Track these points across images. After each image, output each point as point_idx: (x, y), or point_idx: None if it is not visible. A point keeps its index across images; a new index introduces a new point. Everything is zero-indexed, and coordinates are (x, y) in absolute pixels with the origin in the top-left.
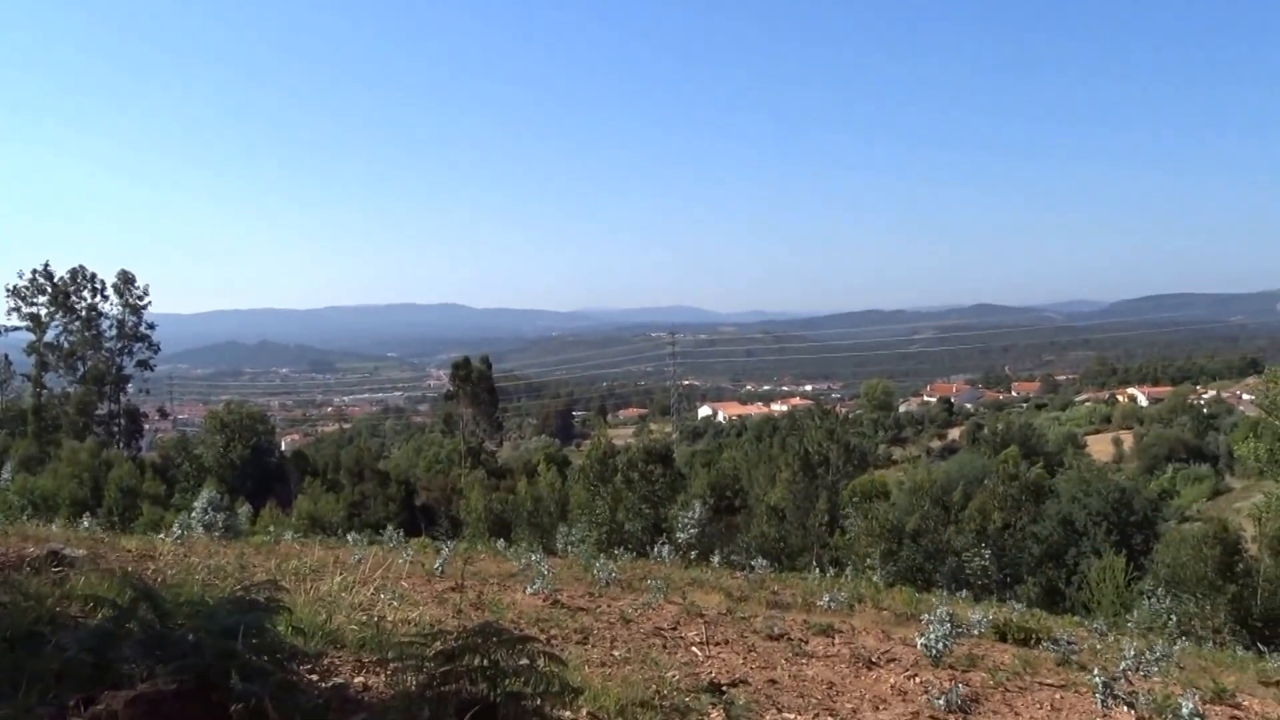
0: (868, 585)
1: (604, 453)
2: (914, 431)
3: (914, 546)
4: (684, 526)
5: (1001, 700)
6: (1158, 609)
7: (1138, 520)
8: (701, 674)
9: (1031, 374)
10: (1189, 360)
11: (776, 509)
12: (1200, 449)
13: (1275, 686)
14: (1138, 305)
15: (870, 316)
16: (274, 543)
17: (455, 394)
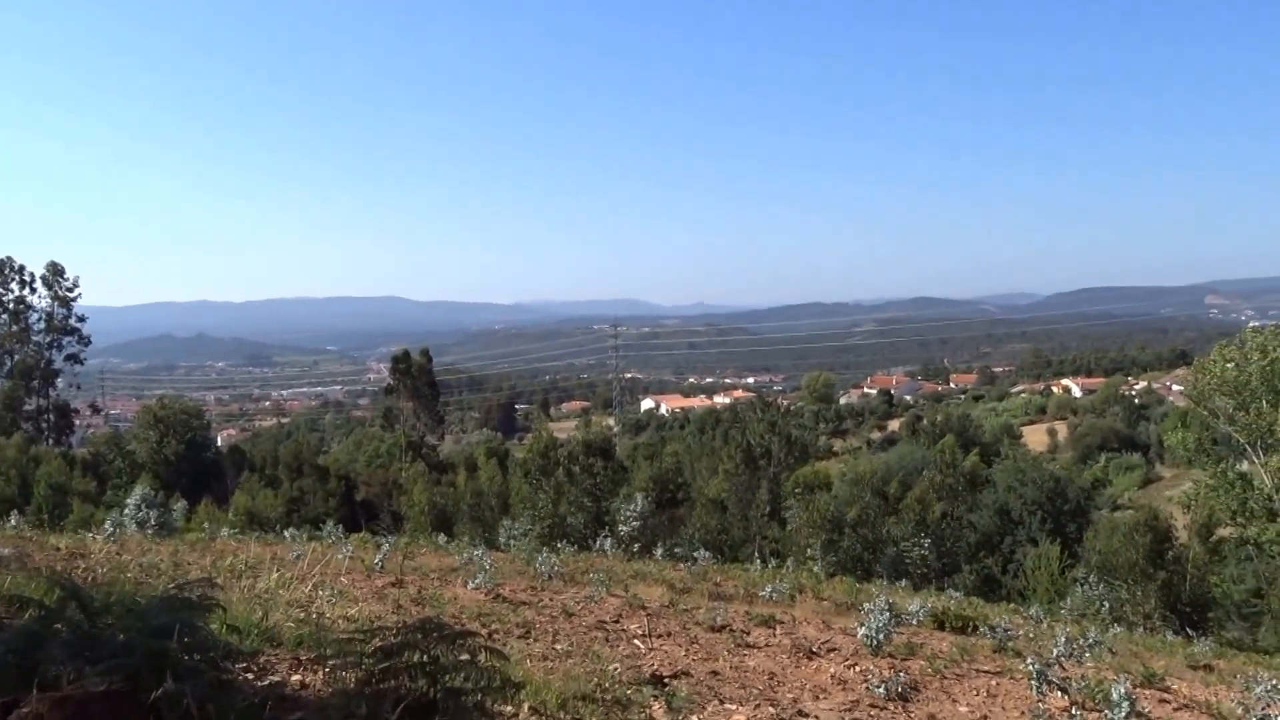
0: (809, 576)
1: (546, 446)
2: (854, 423)
3: (854, 537)
4: (626, 519)
5: (940, 688)
6: (1091, 596)
7: (1071, 509)
8: (644, 666)
9: (969, 366)
10: (1121, 352)
11: (718, 501)
12: (1132, 439)
13: (1203, 670)
14: (1073, 298)
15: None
16: (209, 540)
17: (396, 388)
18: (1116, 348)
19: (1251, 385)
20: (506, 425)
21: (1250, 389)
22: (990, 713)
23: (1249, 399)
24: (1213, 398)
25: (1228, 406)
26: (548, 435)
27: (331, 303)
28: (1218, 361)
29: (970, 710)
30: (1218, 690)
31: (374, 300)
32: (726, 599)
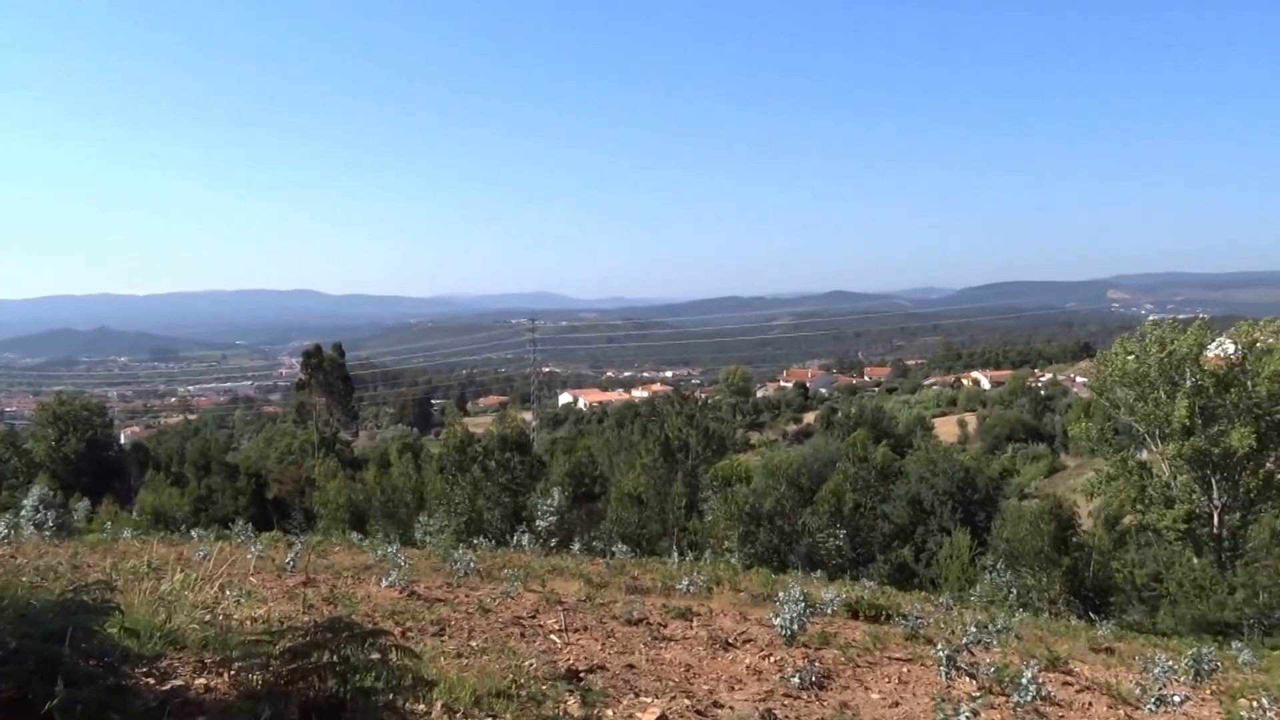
0: (726, 568)
1: (461, 441)
2: (771, 416)
3: (771, 529)
4: (544, 514)
5: (852, 675)
6: (999, 583)
7: (981, 498)
8: (560, 661)
9: (883, 359)
10: (1028, 345)
11: (636, 495)
12: (1038, 429)
13: (1105, 652)
14: (982, 292)
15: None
16: (112, 541)
17: (308, 383)
18: (1024, 341)
19: (1150, 377)
20: (422, 421)
21: (1149, 380)
22: (901, 699)
23: (1148, 390)
24: (1114, 389)
25: (1128, 397)
26: (464, 430)
27: (242, 296)
28: (1119, 354)
29: (882, 697)
30: (1118, 671)
31: (286, 294)
32: (644, 592)
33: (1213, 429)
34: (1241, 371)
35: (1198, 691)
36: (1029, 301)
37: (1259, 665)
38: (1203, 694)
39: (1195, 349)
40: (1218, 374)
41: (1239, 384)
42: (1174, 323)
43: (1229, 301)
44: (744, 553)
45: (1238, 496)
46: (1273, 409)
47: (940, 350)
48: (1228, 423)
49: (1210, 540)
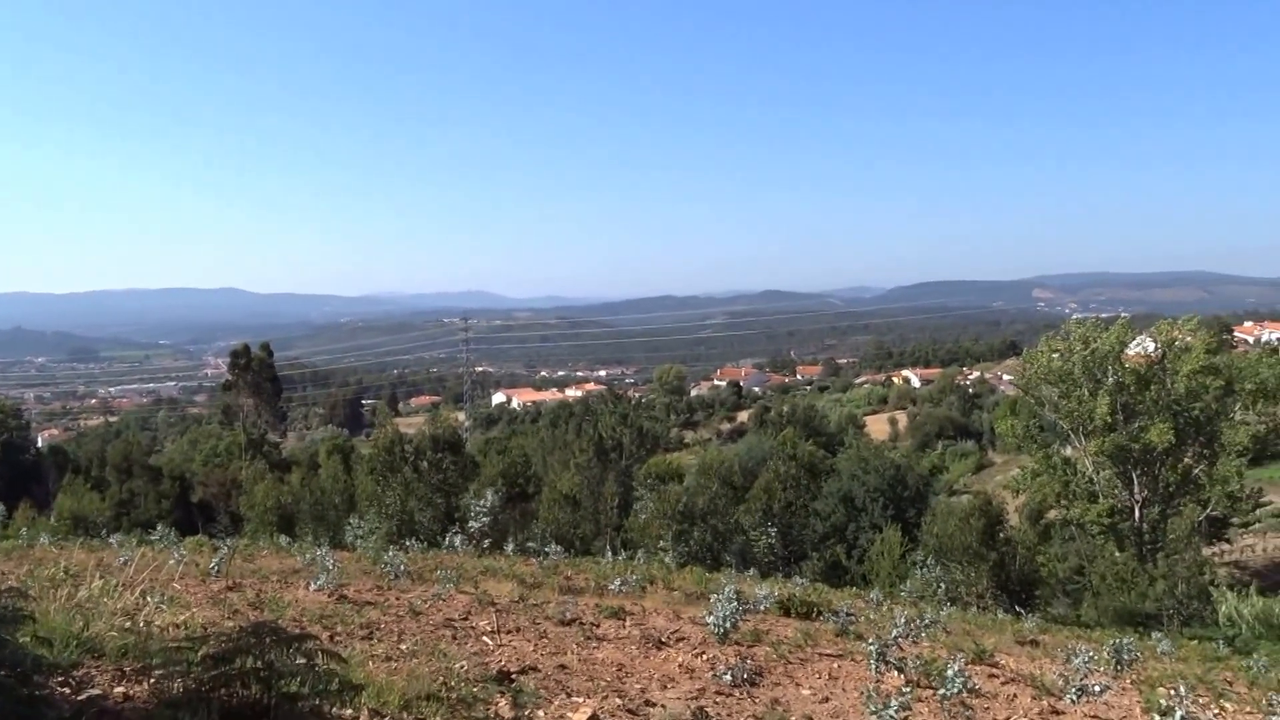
0: (659, 567)
1: (393, 441)
2: (705, 415)
3: (704, 527)
4: (477, 515)
5: (784, 672)
6: (928, 578)
7: (911, 495)
8: (491, 663)
9: (815, 358)
10: (956, 344)
11: (570, 495)
12: (966, 427)
13: (1030, 645)
14: (912, 291)
15: (664, 302)
16: (27, 547)
17: (235, 383)
18: (952, 340)
19: (1074, 374)
20: (353, 421)
21: (1073, 378)
22: (831, 694)
23: (1072, 387)
24: (1039, 386)
25: (1053, 395)
26: (395, 431)
27: (165, 294)
28: (1044, 352)
29: (812, 692)
30: (1042, 663)
31: (211, 292)
32: (577, 593)
33: (1133, 425)
34: (1161, 369)
35: (1118, 681)
36: (957, 301)
37: (1177, 655)
38: (1123, 683)
39: (1117, 347)
40: (1138, 371)
41: (1158, 381)
42: (1097, 322)
43: (1149, 301)
44: (678, 551)
45: (1157, 491)
46: (1190, 405)
47: (871, 349)
48: (1148, 419)
49: (1131, 534)
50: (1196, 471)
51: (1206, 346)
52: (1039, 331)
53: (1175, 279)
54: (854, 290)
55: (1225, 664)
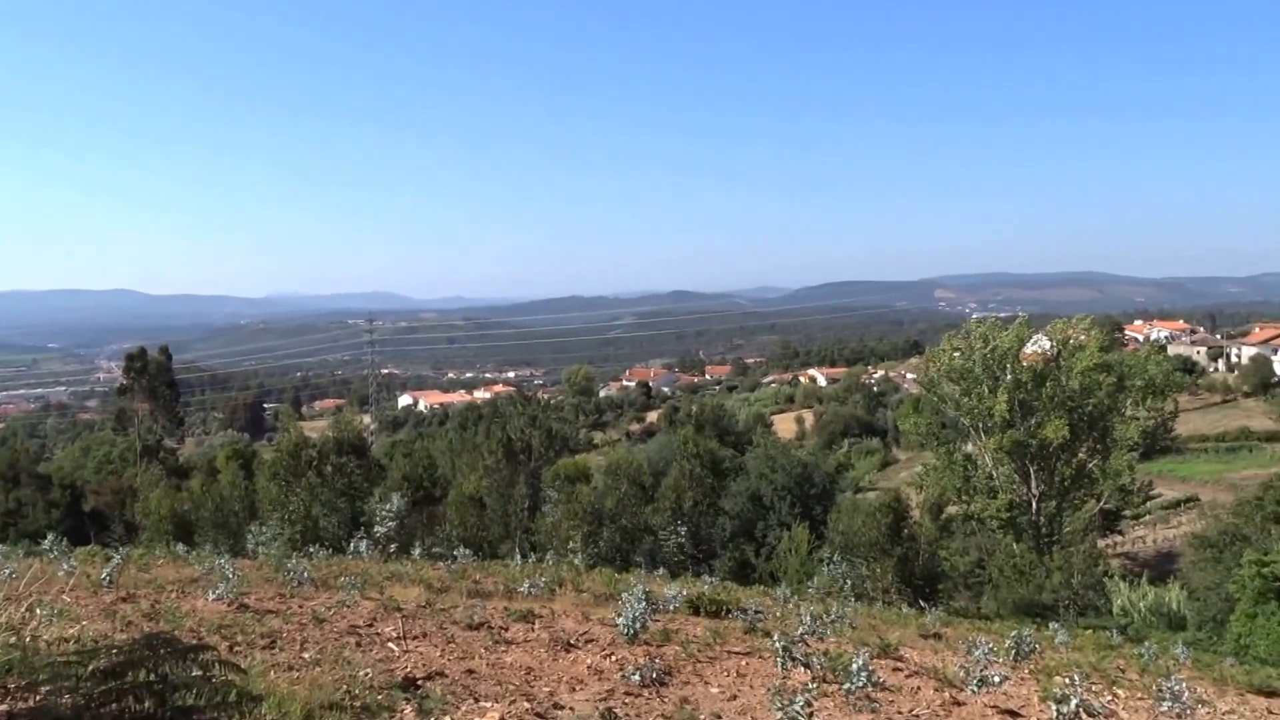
0: (569, 569)
1: (296, 445)
2: (614, 415)
3: (613, 528)
4: (383, 519)
5: (693, 671)
6: (835, 574)
7: (818, 493)
8: (397, 670)
9: (724, 358)
10: (861, 343)
11: (477, 497)
12: (871, 424)
13: (933, 638)
14: (817, 292)
15: (572, 303)
16: None
17: (129, 388)
18: (857, 339)
19: (975, 372)
20: (254, 425)
21: (974, 376)
22: (739, 692)
23: (972, 385)
24: (941, 384)
25: (954, 392)
26: (298, 434)
27: (53, 296)
28: (945, 351)
29: (721, 690)
30: (945, 656)
31: (103, 294)
32: (486, 596)
33: (1031, 422)
34: (1056, 367)
35: (1017, 671)
36: (861, 301)
37: (1073, 644)
38: (1021, 673)
39: (1016, 346)
40: (1035, 369)
41: (1054, 379)
42: (996, 321)
43: (1045, 301)
44: (587, 553)
45: (1053, 485)
46: (1084, 402)
47: (778, 349)
48: (1044, 415)
49: (1029, 527)
50: (1090, 466)
51: (1099, 345)
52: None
53: (1069, 279)
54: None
55: (1118, 652)
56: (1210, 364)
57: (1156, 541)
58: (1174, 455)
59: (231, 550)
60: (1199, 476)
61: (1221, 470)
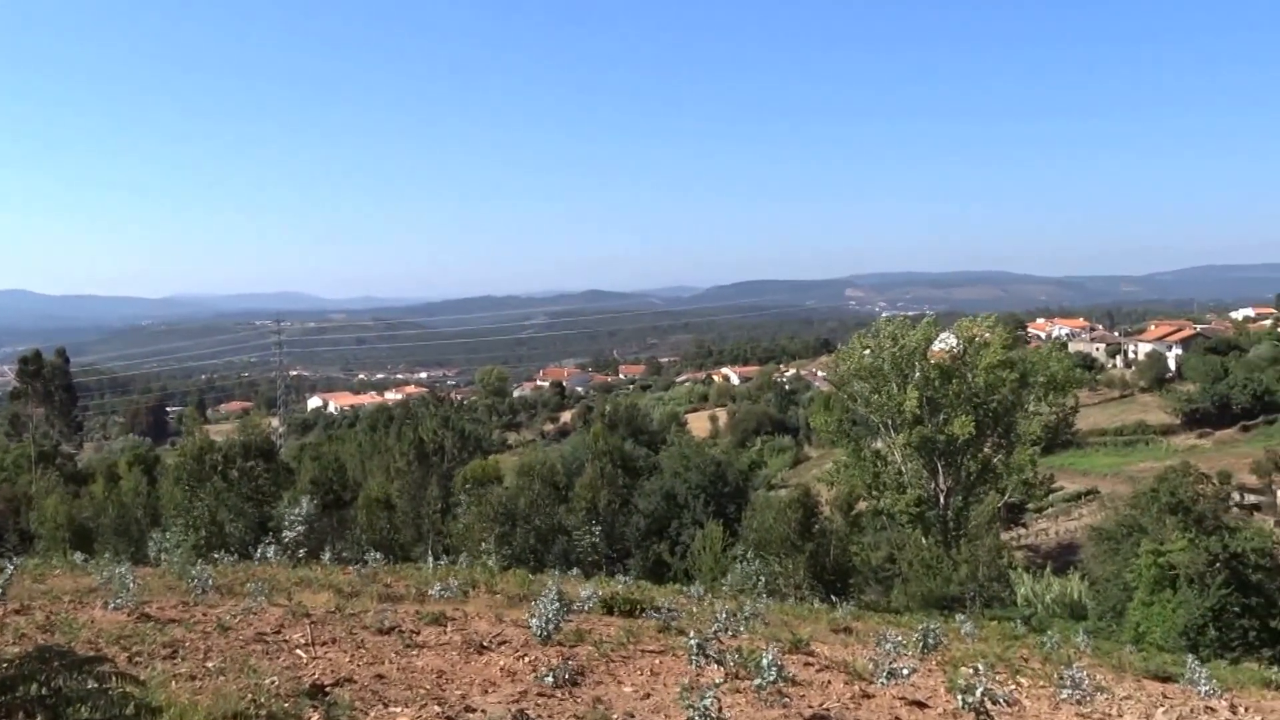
0: (482, 571)
1: (200, 449)
2: (528, 416)
3: (527, 528)
4: (291, 524)
5: (606, 671)
6: (748, 571)
7: (732, 491)
8: (305, 677)
9: (637, 357)
10: (773, 341)
11: (389, 500)
12: (784, 422)
13: (844, 632)
14: (730, 291)
15: (484, 302)
16: None
17: (23, 392)
18: (769, 337)
19: (884, 370)
20: (157, 430)
21: (883, 373)
22: (652, 690)
23: (882, 382)
24: (851, 382)
25: (864, 390)
26: (203, 438)
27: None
28: (855, 349)
29: (634, 689)
30: (855, 649)
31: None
32: (397, 600)
33: (938, 418)
34: (962, 364)
35: (924, 663)
36: (773, 300)
37: (979, 635)
38: (929, 665)
39: (923, 344)
40: (942, 366)
41: (960, 376)
42: (904, 320)
43: (951, 299)
44: (501, 554)
45: (960, 480)
46: (989, 398)
47: (692, 348)
48: (951, 412)
49: (937, 521)
50: (995, 461)
51: (1003, 343)
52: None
53: (974, 278)
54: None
55: (1022, 642)
56: (1108, 360)
57: (1058, 533)
58: (1074, 449)
59: (133, 558)
60: (1098, 470)
61: (1119, 463)
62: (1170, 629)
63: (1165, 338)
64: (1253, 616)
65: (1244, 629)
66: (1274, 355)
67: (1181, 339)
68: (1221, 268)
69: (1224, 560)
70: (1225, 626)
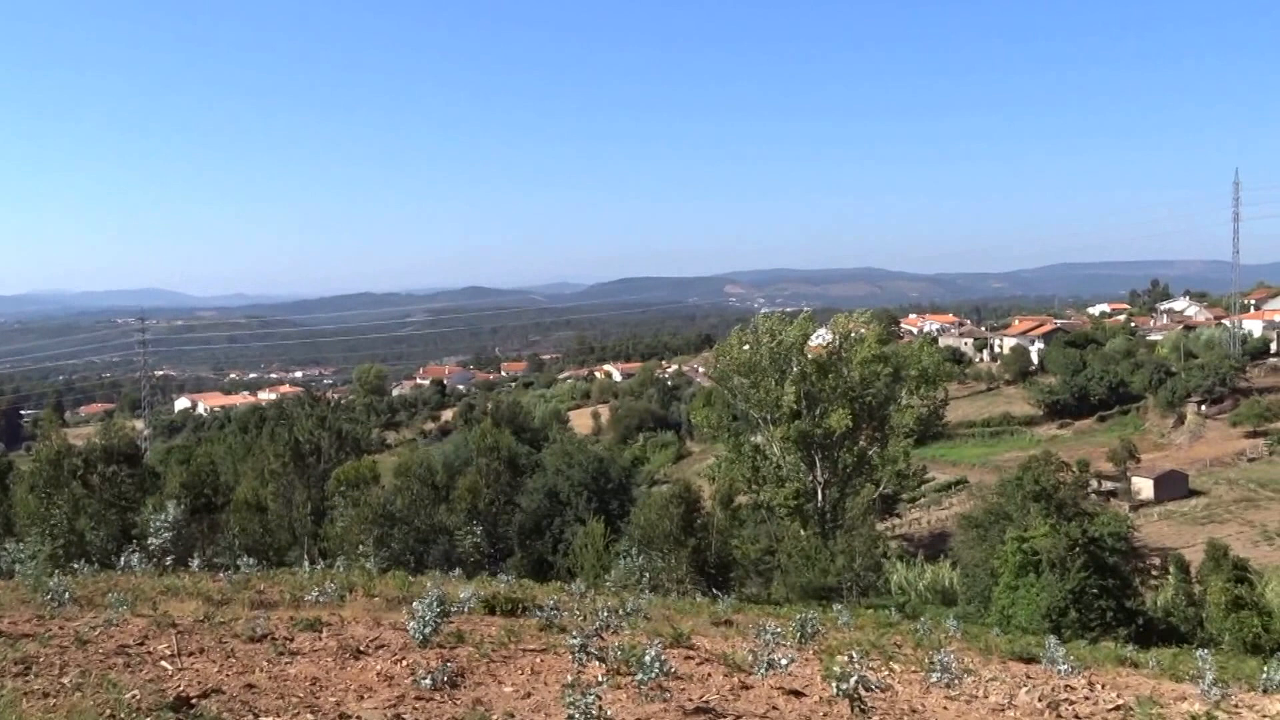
0: (360, 574)
1: (57, 454)
2: (408, 415)
3: (406, 529)
4: (157, 530)
5: (487, 671)
6: (632, 567)
7: (614, 487)
8: (169, 690)
9: (519, 354)
10: (655, 338)
11: (263, 503)
12: (666, 418)
13: (725, 625)
14: (612, 288)
15: (362, 299)
16: None
17: None
18: (651, 334)
19: (763, 365)
20: (10, 434)
21: (762, 369)
22: (534, 689)
23: (760, 377)
24: (731, 377)
25: (744, 385)
26: (60, 442)
27: None
28: (734, 345)
29: (515, 689)
30: (735, 642)
31: None
32: (270, 607)
33: (815, 411)
34: (838, 359)
35: (802, 653)
36: (655, 296)
37: (855, 624)
38: (807, 655)
39: (800, 339)
40: (819, 361)
41: (836, 370)
42: (782, 315)
43: (827, 296)
44: (380, 556)
45: (837, 473)
46: (864, 392)
47: (574, 345)
48: (828, 406)
49: (815, 514)
50: (870, 453)
51: (877, 338)
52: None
53: (850, 275)
54: (556, 286)
55: (896, 629)
56: (976, 354)
57: (930, 522)
58: (945, 441)
59: None
60: (967, 460)
61: (987, 453)
62: (1034, 611)
63: (1028, 332)
64: (1109, 597)
65: (1102, 609)
66: (1127, 348)
67: (1043, 333)
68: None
69: (1083, 545)
70: (1084, 608)
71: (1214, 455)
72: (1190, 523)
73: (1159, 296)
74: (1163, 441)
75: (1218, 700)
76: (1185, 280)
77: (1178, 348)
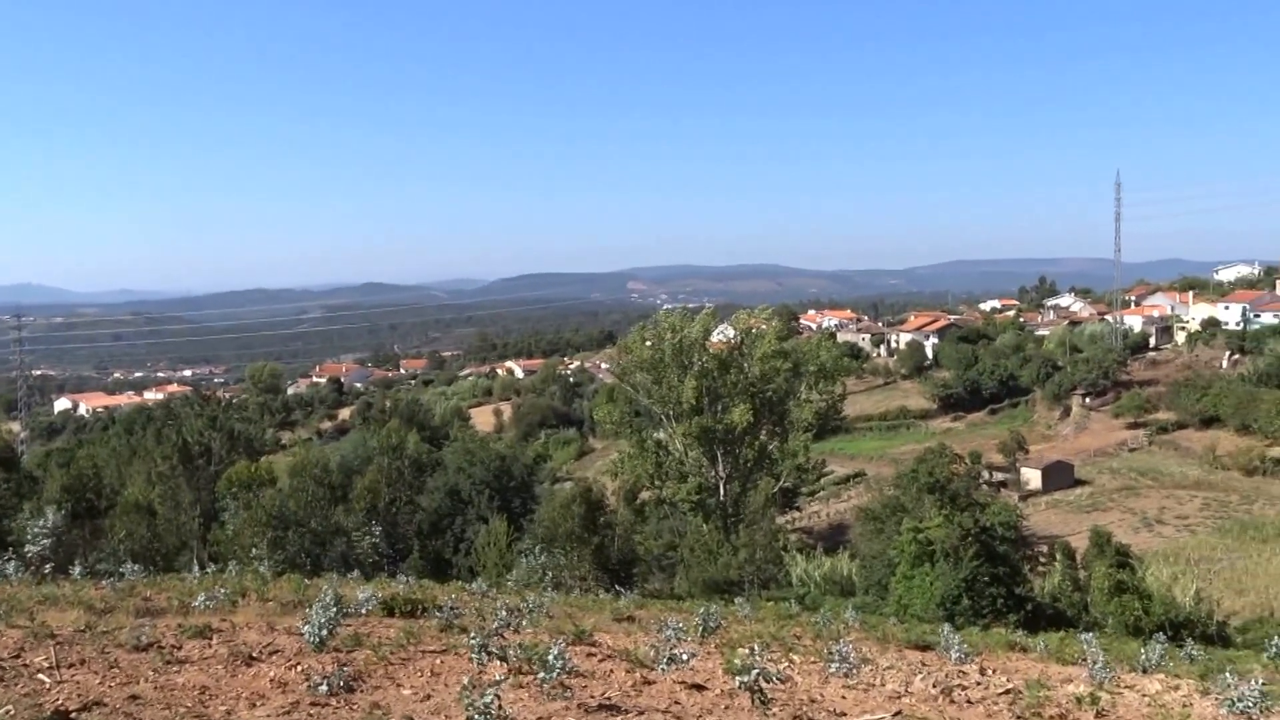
0: (253, 578)
1: None
2: (304, 414)
3: (302, 531)
4: (35, 537)
5: (385, 674)
6: (534, 565)
7: (517, 485)
8: (47, 704)
9: (419, 351)
10: (558, 334)
11: (150, 507)
12: (568, 415)
13: (627, 621)
14: (514, 284)
15: (254, 296)
16: None
17: None
18: (554, 330)
19: (665, 361)
20: None
21: (664, 365)
22: (433, 691)
23: (663, 374)
24: (634, 374)
25: (646, 381)
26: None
27: None
28: (637, 341)
29: (414, 691)
30: (638, 637)
31: None
32: (157, 614)
33: (717, 407)
34: (740, 354)
35: (704, 647)
36: (558, 292)
37: (756, 617)
38: (709, 648)
39: (702, 335)
40: (720, 357)
41: (737, 366)
42: (685, 312)
43: (730, 292)
44: (274, 559)
45: (738, 467)
46: (765, 387)
47: (475, 341)
48: (729, 401)
49: (717, 508)
50: (771, 447)
51: (777, 333)
52: (634, 321)
53: (751, 272)
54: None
55: (796, 621)
56: (874, 349)
57: (829, 515)
58: (843, 434)
59: None
60: (865, 453)
61: (884, 447)
62: (929, 600)
63: (923, 328)
64: (1000, 585)
65: (993, 597)
66: (1017, 343)
67: (938, 329)
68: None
69: (975, 534)
70: (977, 595)
71: (1098, 446)
72: (1076, 511)
73: (1046, 293)
74: (1050, 433)
75: (1101, 681)
76: (1071, 277)
77: (1064, 343)
